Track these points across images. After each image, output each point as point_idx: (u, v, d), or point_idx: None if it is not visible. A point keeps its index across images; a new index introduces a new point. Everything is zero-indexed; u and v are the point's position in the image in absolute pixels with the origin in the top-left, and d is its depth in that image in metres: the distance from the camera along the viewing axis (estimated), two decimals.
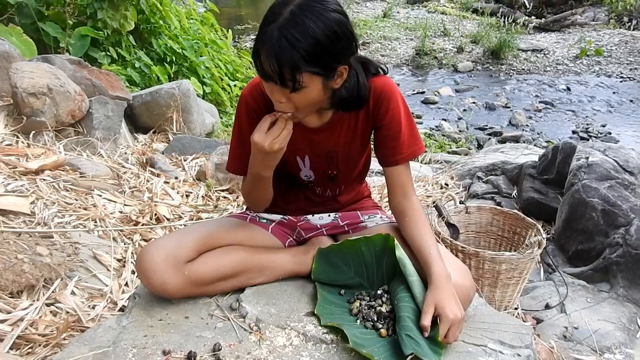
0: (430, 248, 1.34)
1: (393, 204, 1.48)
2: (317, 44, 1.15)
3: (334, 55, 1.19)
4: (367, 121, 1.43)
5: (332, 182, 1.54)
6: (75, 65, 3.28)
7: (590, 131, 6.09)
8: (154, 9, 4.80)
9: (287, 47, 1.13)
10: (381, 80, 1.40)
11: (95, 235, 2.20)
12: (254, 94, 1.40)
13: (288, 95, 1.21)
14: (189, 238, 1.39)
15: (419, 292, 1.30)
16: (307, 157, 1.47)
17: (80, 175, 2.58)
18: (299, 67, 1.15)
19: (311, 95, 1.23)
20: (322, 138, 1.44)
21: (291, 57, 1.13)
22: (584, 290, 2.17)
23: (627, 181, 2.46)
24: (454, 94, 7.30)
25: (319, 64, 1.17)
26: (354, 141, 1.46)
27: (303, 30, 1.13)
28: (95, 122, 3.02)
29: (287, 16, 1.14)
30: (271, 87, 1.22)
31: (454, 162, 3.91)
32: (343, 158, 1.49)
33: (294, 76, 1.16)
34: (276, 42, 1.13)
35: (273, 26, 1.14)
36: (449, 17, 10.60)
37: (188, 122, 3.72)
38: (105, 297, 1.86)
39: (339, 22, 1.18)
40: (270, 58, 1.14)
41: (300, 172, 1.51)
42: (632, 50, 8.71)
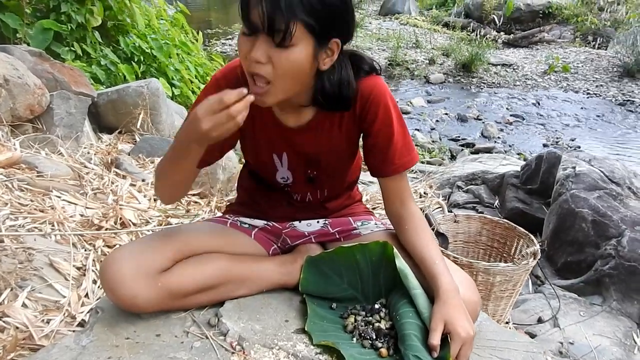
0: (435, 258, 1.20)
1: (390, 212, 1.34)
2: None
3: (332, 17, 1.05)
4: (353, 125, 1.27)
5: (312, 184, 1.37)
6: (37, 57, 3.05)
7: (560, 144, 6.14)
8: (122, 6, 4.60)
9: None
10: (370, 81, 1.23)
11: (52, 240, 1.99)
12: (228, 77, 1.23)
13: (271, 52, 1.04)
14: (163, 245, 1.21)
15: (425, 307, 1.16)
16: (285, 154, 1.30)
17: (37, 174, 2.37)
18: (295, 13, 1.00)
19: (297, 59, 1.05)
20: (302, 139, 1.27)
21: (291, 6, 0.99)
22: (576, 304, 2.08)
23: (615, 192, 2.39)
24: (426, 104, 7.28)
25: (317, 18, 1.02)
26: (339, 144, 1.29)
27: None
28: (56, 118, 2.80)
29: None
30: (252, 44, 1.05)
31: (431, 172, 3.82)
32: (327, 162, 1.32)
33: (287, 24, 1.00)
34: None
35: None
36: (421, 29, 10.63)
37: (156, 123, 3.52)
38: (62, 310, 1.65)
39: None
40: (265, 3, 0.99)
41: (277, 174, 1.34)
42: (597, 68, 8.88)
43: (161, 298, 1.18)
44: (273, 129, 1.26)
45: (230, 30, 10.60)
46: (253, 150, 1.35)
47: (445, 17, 11.35)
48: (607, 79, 8.39)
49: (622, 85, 8.12)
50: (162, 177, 1.24)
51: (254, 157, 1.37)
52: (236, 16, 12.55)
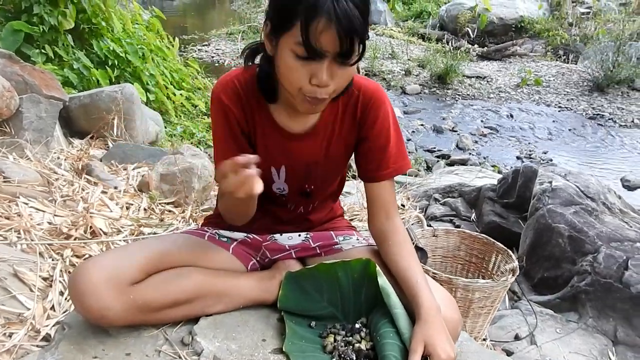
0: (417, 277, 1.18)
1: (374, 225, 1.31)
2: (368, 8, 1.03)
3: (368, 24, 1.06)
4: (352, 129, 1.27)
5: (306, 197, 1.35)
6: (6, 59, 2.95)
7: (533, 157, 6.21)
8: (96, 9, 4.50)
9: (355, 11, 0.98)
10: (371, 86, 1.25)
11: (17, 249, 1.91)
12: (227, 89, 1.21)
13: (335, 71, 1.05)
14: (136, 256, 1.16)
15: (405, 328, 1.13)
16: (284, 167, 1.28)
17: (3, 180, 2.28)
18: (366, 33, 1.02)
19: (353, 71, 1.09)
20: (303, 146, 1.26)
21: (361, 23, 1.00)
22: (552, 320, 2.07)
23: (590, 207, 2.41)
24: (402, 115, 7.30)
25: (368, 26, 1.05)
26: (336, 150, 1.29)
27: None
28: (25, 122, 2.71)
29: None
30: (318, 68, 1.03)
31: (407, 183, 3.81)
32: (322, 170, 1.31)
33: (363, 43, 1.02)
34: (344, 4, 0.97)
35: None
36: (397, 40, 10.70)
37: (130, 129, 3.44)
38: (26, 323, 1.58)
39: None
40: (339, 26, 0.97)
41: (273, 185, 1.31)
42: (568, 82, 9.03)
43: (132, 311, 1.12)
44: (274, 139, 1.25)
45: (206, 36, 10.51)
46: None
47: (421, 29, 11.44)
48: (578, 93, 8.53)
49: (592, 99, 8.28)
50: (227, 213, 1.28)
51: None
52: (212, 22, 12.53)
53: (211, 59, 9.13)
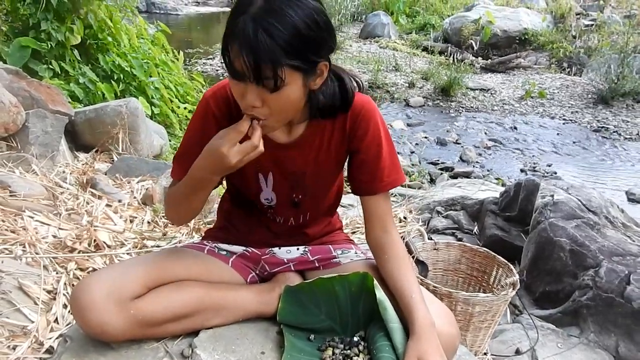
0: (412, 291, 1.19)
1: (371, 238, 1.32)
2: (298, 34, 0.99)
3: (315, 46, 1.04)
4: (342, 142, 1.28)
5: (295, 208, 1.36)
6: (13, 75, 3.00)
7: (537, 170, 6.20)
8: (102, 24, 4.57)
9: (265, 38, 0.97)
10: (360, 99, 1.25)
11: (22, 263, 1.93)
12: (217, 96, 1.24)
13: (264, 97, 1.05)
14: (137, 271, 1.18)
15: (400, 342, 1.14)
16: (271, 174, 1.30)
17: (10, 194, 2.31)
18: (280, 60, 0.99)
19: (290, 96, 1.06)
20: (290, 156, 1.27)
21: (271, 49, 0.97)
22: (554, 335, 2.07)
23: (592, 221, 2.41)
24: (406, 127, 7.32)
25: (300, 56, 1.02)
26: (325, 162, 1.30)
27: (281, 19, 0.98)
28: (31, 136, 2.75)
29: (261, 4, 0.99)
30: (243, 89, 1.05)
31: (410, 196, 3.82)
32: (311, 181, 1.32)
33: (275, 72, 0.99)
34: (252, 33, 0.97)
35: (245, 16, 0.98)
36: (400, 53, 10.75)
37: (135, 143, 3.48)
38: (29, 335, 1.60)
39: (318, 10, 1.04)
40: (246, 52, 0.98)
41: (261, 194, 1.33)
42: (572, 94, 9.04)
43: (133, 326, 1.14)
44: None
45: (211, 50, 10.60)
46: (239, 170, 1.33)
47: (425, 42, 11.49)
48: (582, 106, 8.54)
49: (597, 112, 8.28)
50: (176, 206, 1.27)
51: (238, 176, 1.34)
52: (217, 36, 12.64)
53: (216, 72, 9.19)
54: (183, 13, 14.99)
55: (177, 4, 15.42)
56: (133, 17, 5.50)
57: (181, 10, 15.11)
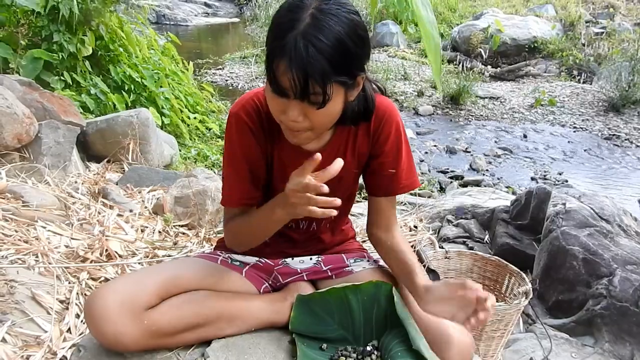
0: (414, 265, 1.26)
1: (373, 234, 1.39)
2: (346, 50, 1.01)
3: (357, 61, 1.06)
4: (366, 144, 1.29)
5: None
6: (26, 87, 3.04)
7: (548, 178, 6.16)
8: (113, 36, 4.62)
9: (317, 55, 0.98)
10: (384, 102, 1.28)
11: (35, 273, 1.95)
12: (247, 109, 1.24)
13: (307, 112, 1.06)
14: (150, 281, 1.18)
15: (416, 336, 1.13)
16: None
17: (23, 204, 2.33)
18: (329, 77, 1.00)
19: (333, 110, 1.08)
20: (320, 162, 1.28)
21: (322, 67, 0.98)
22: (568, 344, 2.05)
23: (605, 229, 2.39)
24: (415, 136, 7.31)
25: (346, 71, 1.03)
26: (350, 165, 1.31)
27: (330, 35, 0.99)
28: (44, 147, 2.77)
29: (309, 21, 1.00)
30: (285, 105, 1.06)
31: (420, 205, 3.81)
32: (335, 184, 1.32)
33: (324, 88, 1.00)
34: (303, 50, 0.97)
35: (294, 33, 0.99)
36: (409, 62, 10.76)
37: (145, 153, 3.50)
38: (42, 345, 1.61)
39: (360, 24, 1.05)
40: (297, 70, 0.98)
41: None
42: (583, 102, 8.99)
43: (147, 336, 1.14)
44: (290, 156, 1.27)
45: (220, 60, 10.67)
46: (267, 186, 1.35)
47: None
48: (593, 113, 8.49)
49: (608, 119, 8.23)
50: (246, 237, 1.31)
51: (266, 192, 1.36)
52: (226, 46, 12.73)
53: (225, 82, 9.24)
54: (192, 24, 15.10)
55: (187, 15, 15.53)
56: (143, 29, 5.56)
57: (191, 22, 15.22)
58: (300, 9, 1.02)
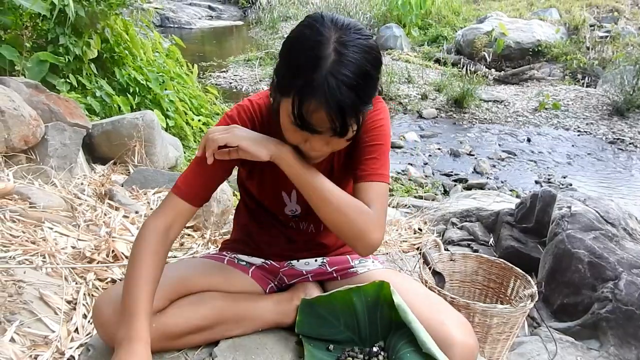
0: None
1: None
2: (369, 78, 1.02)
3: (376, 84, 1.07)
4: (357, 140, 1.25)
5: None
6: (32, 89, 3.05)
7: (552, 182, 6.16)
8: (118, 38, 4.64)
9: (348, 93, 0.98)
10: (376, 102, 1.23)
11: (43, 273, 1.96)
12: (243, 116, 1.23)
13: (330, 141, 1.07)
14: (159, 284, 1.19)
15: (426, 338, 1.14)
16: (294, 191, 1.31)
17: (30, 205, 2.34)
18: (361, 109, 1.01)
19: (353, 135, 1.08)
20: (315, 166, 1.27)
21: (353, 102, 0.99)
22: (573, 348, 2.05)
23: (610, 233, 2.39)
24: (419, 139, 7.32)
25: (370, 99, 1.04)
26: (345, 166, 1.30)
27: (356, 69, 0.99)
28: (50, 149, 2.78)
29: (335, 57, 0.99)
30: (311, 138, 1.07)
31: (424, 207, 3.81)
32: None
33: (358, 121, 1.02)
34: (336, 90, 0.97)
35: (322, 72, 0.98)
36: (413, 65, 10.77)
37: (151, 155, 3.51)
38: (51, 345, 1.62)
39: (375, 47, 1.06)
40: (333, 110, 0.98)
41: (286, 208, 1.34)
42: (587, 106, 8.98)
43: (156, 339, 1.15)
44: None
45: (224, 63, 10.70)
46: (261, 188, 1.35)
47: (437, 53, 11.50)
48: (597, 117, 8.48)
49: (612, 123, 8.22)
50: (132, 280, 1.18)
51: (261, 194, 1.36)
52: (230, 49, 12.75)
53: (229, 84, 9.27)
54: (197, 27, 15.14)
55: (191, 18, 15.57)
56: (148, 32, 5.58)
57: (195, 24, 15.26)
58: (322, 44, 1.00)
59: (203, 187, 1.22)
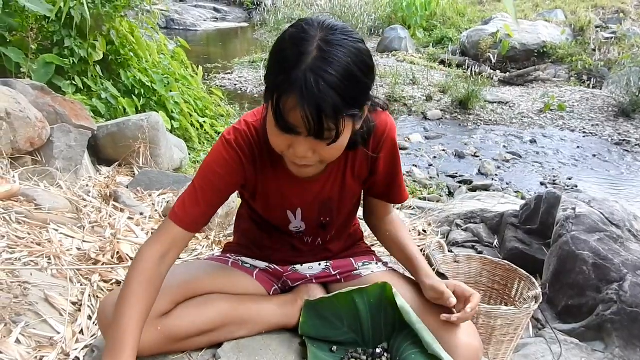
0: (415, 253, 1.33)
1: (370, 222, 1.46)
2: (355, 82, 0.97)
3: (366, 91, 1.03)
4: (365, 164, 1.28)
5: (323, 230, 1.37)
6: (38, 91, 3.07)
7: (557, 183, 6.14)
8: (124, 40, 4.67)
9: (328, 91, 0.93)
10: (383, 120, 1.24)
11: (48, 275, 1.97)
12: (239, 140, 1.19)
13: (316, 147, 1.03)
14: (164, 286, 1.19)
15: (430, 339, 1.14)
16: (300, 209, 1.30)
17: (35, 207, 2.35)
18: (342, 112, 0.96)
19: (342, 143, 1.05)
20: (318, 187, 1.27)
21: (333, 102, 0.94)
22: (577, 349, 2.05)
23: (615, 234, 2.38)
24: (424, 140, 7.31)
25: (356, 104, 1.00)
26: (350, 186, 1.31)
27: (339, 68, 0.95)
28: (55, 151, 2.80)
29: (317, 54, 0.95)
30: (291, 140, 1.02)
31: (429, 209, 3.81)
32: (337, 203, 1.32)
33: (337, 124, 0.97)
34: (313, 86, 0.93)
35: (302, 68, 0.94)
36: (418, 66, 10.76)
37: (155, 156, 3.52)
38: (56, 346, 1.62)
39: (366, 52, 1.02)
40: (309, 106, 0.94)
41: (290, 225, 1.34)
42: (592, 107, 8.96)
43: (160, 342, 1.16)
44: (288, 183, 1.25)
45: (229, 65, 10.72)
46: (265, 207, 1.34)
47: (442, 55, 11.50)
48: (603, 119, 8.45)
49: (618, 124, 8.19)
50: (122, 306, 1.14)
51: (266, 213, 1.35)
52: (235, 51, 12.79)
53: (234, 86, 9.29)
54: (201, 29, 15.18)
55: (196, 20, 15.62)
56: (153, 34, 5.60)
57: (200, 26, 15.30)
58: (306, 41, 0.97)
59: (201, 215, 1.19)
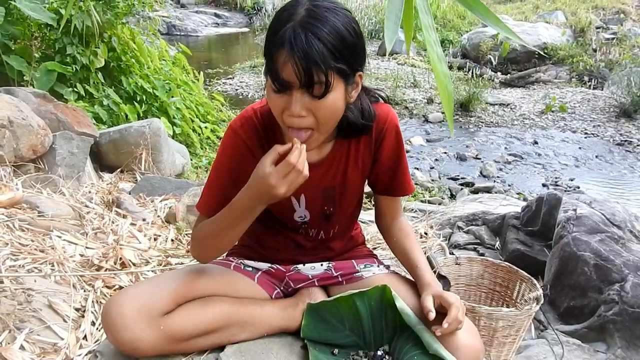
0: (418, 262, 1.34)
1: (380, 224, 1.47)
2: (342, 38, 1.05)
3: (355, 53, 1.10)
4: (368, 152, 1.32)
5: (327, 221, 1.39)
6: (40, 98, 3.09)
7: (559, 185, 6.14)
8: (125, 47, 4.69)
9: (315, 42, 1.01)
10: (385, 109, 1.30)
11: (51, 281, 1.98)
12: (246, 127, 1.26)
13: (310, 106, 1.08)
14: (166, 287, 1.21)
15: (431, 340, 1.15)
16: (303, 195, 1.33)
17: (38, 214, 2.37)
18: (329, 63, 1.03)
19: (335, 104, 1.10)
20: (320, 173, 1.30)
21: (321, 52, 1.02)
22: (579, 351, 2.05)
23: (617, 235, 2.38)
24: (425, 143, 7.31)
25: (345, 60, 1.06)
26: (353, 174, 1.33)
27: (326, 24, 1.04)
28: (58, 158, 2.82)
29: (305, 13, 1.04)
30: (287, 101, 1.08)
31: (431, 211, 3.81)
32: (341, 193, 1.35)
33: (326, 75, 1.03)
34: (303, 37, 1.01)
35: (292, 24, 1.03)
36: (418, 69, 10.78)
37: (157, 162, 3.54)
38: (59, 352, 1.63)
39: (353, 20, 1.11)
40: (297, 56, 1.01)
41: (295, 214, 1.36)
42: (594, 108, 8.95)
43: (163, 342, 1.17)
44: None
45: (230, 70, 10.75)
46: None
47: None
48: (604, 119, 8.45)
49: (619, 125, 8.18)
50: (213, 240, 1.26)
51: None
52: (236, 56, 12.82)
53: (235, 91, 9.30)
54: (203, 34, 15.22)
55: (197, 26, 15.66)
56: (154, 40, 5.63)
57: (201, 32, 15.34)
58: (296, 5, 1.07)
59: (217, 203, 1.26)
